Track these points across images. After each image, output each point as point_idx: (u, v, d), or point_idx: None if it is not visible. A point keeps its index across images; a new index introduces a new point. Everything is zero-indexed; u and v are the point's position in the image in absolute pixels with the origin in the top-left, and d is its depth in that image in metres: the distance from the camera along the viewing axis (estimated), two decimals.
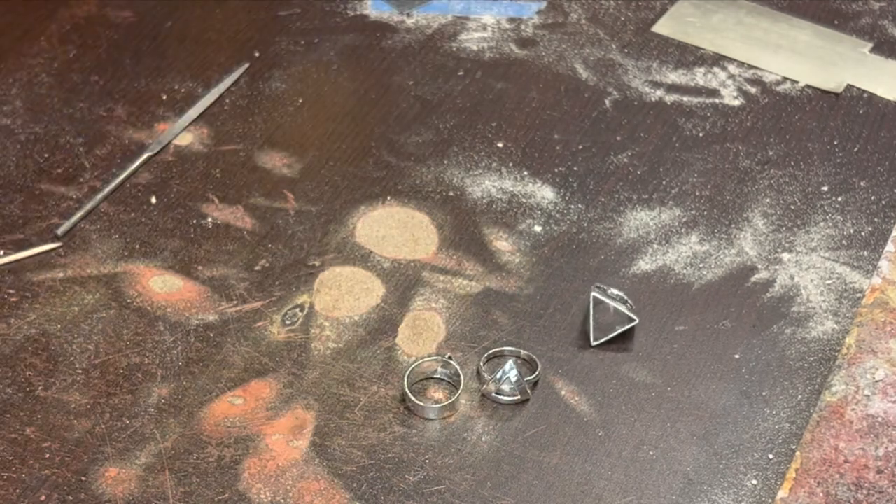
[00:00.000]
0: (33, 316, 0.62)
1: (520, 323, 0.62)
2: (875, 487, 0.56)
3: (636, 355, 0.61)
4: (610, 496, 0.55)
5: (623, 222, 0.68)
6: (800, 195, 0.70)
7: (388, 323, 0.62)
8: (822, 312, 0.63)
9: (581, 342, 0.62)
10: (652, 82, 0.76)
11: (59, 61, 0.75)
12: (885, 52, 0.79)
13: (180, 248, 0.65)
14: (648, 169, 0.71)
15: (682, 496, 0.55)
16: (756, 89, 0.76)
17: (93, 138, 0.70)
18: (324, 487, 0.56)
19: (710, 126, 0.74)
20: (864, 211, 0.69)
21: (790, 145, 0.73)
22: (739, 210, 0.69)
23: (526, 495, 0.55)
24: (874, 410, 0.59)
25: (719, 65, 0.78)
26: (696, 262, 0.66)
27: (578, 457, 0.57)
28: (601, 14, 0.81)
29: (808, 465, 0.57)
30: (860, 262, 0.66)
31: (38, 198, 0.67)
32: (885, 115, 0.75)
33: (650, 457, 0.57)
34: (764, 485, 0.56)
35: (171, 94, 0.73)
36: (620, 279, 0.65)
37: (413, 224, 0.67)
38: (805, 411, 0.59)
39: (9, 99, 0.72)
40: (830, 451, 0.57)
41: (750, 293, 0.64)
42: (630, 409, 0.59)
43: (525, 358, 0.60)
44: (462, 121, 0.73)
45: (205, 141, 0.71)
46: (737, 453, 0.57)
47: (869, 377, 0.60)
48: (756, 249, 0.67)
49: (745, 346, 0.62)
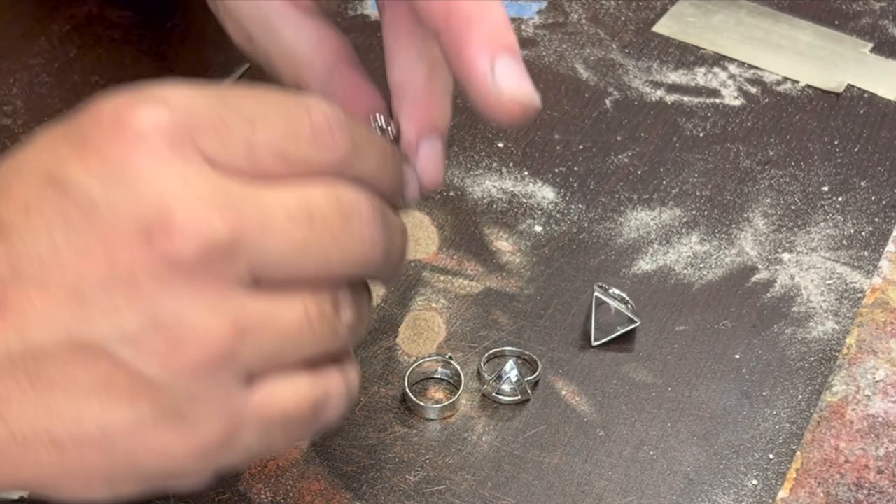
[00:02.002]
0: None
1: (520, 323, 0.62)
2: (876, 488, 0.56)
3: (637, 355, 0.61)
4: (610, 496, 0.55)
5: (623, 222, 0.68)
6: (800, 195, 0.70)
7: (388, 323, 0.62)
8: (822, 312, 0.63)
9: (581, 342, 0.62)
10: (652, 82, 0.76)
11: (59, 61, 0.75)
12: (885, 52, 0.79)
13: None
14: (649, 169, 0.71)
15: (683, 496, 0.55)
16: (756, 89, 0.76)
17: None
18: (324, 487, 0.56)
19: (710, 126, 0.74)
20: (864, 211, 0.69)
21: (791, 145, 0.73)
22: (740, 210, 0.69)
23: (526, 495, 0.55)
24: (875, 410, 0.59)
25: (720, 65, 0.78)
26: (696, 262, 0.66)
27: (579, 457, 0.57)
28: (601, 14, 0.81)
29: (809, 466, 0.57)
30: (861, 263, 0.66)
31: None
32: (886, 115, 0.75)
33: (650, 457, 0.57)
34: (764, 485, 0.56)
35: None
36: (621, 279, 0.65)
37: (413, 224, 0.67)
38: (805, 411, 0.59)
39: (9, 99, 0.72)
40: (831, 452, 0.57)
41: (750, 293, 0.64)
42: (630, 409, 0.59)
43: (525, 358, 0.60)
44: (462, 121, 0.73)
45: None
46: (737, 453, 0.57)
47: (869, 377, 0.60)
48: (756, 249, 0.67)
49: (746, 346, 0.62)
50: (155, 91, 0.41)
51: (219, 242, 0.39)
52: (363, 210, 0.43)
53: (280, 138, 0.41)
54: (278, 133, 0.41)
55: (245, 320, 0.41)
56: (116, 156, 0.40)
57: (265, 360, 0.42)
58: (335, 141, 0.43)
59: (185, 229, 0.39)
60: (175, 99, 0.41)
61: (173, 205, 0.39)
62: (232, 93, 0.42)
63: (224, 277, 0.40)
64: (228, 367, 0.40)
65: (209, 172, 0.40)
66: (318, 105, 0.43)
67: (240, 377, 0.41)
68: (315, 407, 0.44)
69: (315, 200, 0.42)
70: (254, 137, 0.41)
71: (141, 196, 0.39)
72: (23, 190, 0.40)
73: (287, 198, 0.41)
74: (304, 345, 0.43)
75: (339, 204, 0.42)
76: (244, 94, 0.42)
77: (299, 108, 0.42)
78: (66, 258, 0.39)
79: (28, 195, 0.40)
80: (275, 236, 0.41)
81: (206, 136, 0.40)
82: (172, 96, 0.41)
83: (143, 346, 0.39)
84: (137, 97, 0.41)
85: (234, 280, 0.40)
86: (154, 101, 0.40)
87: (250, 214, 0.40)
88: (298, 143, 0.42)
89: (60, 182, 0.40)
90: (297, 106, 0.42)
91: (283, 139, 0.42)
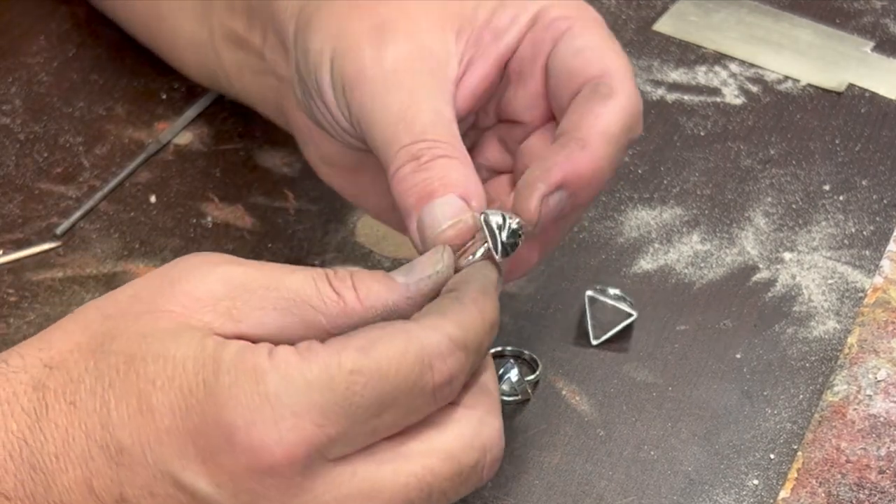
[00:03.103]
0: (32, 316, 0.62)
1: (520, 323, 0.62)
2: (877, 488, 0.56)
3: (637, 355, 0.61)
4: (611, 496, 0.55)
5: (624, 221, 0.68)
6: (801, 194, 0.70)
7: None
8: (823, 312, 0.63)
9: (582, 342, 0.61)
10: (653, 81, 0.76)
11: (58, 60, 0.74)
12: (886, 51, 0.79)
13: (180, 247, 0.65)
14: (650, 168, 0.71)
15: (684, 496, 0.55)
16: (757, 88, 0.76)
17: (92, 137, 0.70)
18: None
19: (711, 125, 0.74)
20: (865, 210, 0.69)
21: (792, 144, 0.73)
22: (741, 209, 0.69)
23: (527, 495, 0.55)
24: (876, 410, 0.59)
25: (721, 63, 0.78)
26: (697, 262, 0.66)
27: (579, 456, 0.57)
28: (602, 13, 0.80)
29: (810, 465, 0.56)
30: (862, 262, 0.66)
31: (38, 197, 0.67)
32: (887, 115, 0.75)
33: (651, 457, 0.57)
34: (765, 485, 0.56)
35: (170, 92, 0.73)
36: (621, 278, 0.64)
37: None
38: (807, 411, 0.59)
39: (8, 98, 0.72)
40: (832, 451, 0.57)
41: (751, 293, 0.64)
42: (631, 409, 0.59)
43: (525, 358, 0.60)
44: None
45: (205, 140, 0.71)
46: (738, 453, 0.57)
47: (871, 377, 0.60)
48: (757, 249, 0.66)
49: (747, 346, 0.62)
50: (287, 409, 0.40)
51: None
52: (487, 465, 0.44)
53: (403, 417, 0.42)
54: (401, 414, 0.42)
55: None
56: (247, 482, 0.40)
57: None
58: (453, 390, 0.43)
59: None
60: (308, 418, 0.40)
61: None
62: (358, 384, 0.41)
63: None
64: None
65: (333, 473, 0.41)
66: (441, 362, 0.42)
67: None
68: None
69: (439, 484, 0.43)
70: (378, 424, 0.42)
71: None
72: (147, 478, 0.41)
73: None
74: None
75: (460, 477, 0.43)
76: (370, 381, 0.41)
77: (423, 373, 0.42)
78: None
79: (154, 486, 0.41)
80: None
81: (335, 448, 0.41)
82: (306, 416, 0.40)
83: None
84: (270, 421, 0.40)
85: None
86: (288, 430, 0.40)
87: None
88: (420, 413, 0.42)
89: (188, 489, 0.41)
90: (422, 372, 0.42)
91: (405, 417, 0.42)
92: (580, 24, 0.52)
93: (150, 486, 0.41)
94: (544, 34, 0.52)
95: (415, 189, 0.48)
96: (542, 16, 0.52)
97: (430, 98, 0.50)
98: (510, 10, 0.52)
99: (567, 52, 0.51)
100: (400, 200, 0.48)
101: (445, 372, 0.42)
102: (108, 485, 0.41)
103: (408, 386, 0.41)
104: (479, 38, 0.52)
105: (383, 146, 0.49)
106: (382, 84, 0.50)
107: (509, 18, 0.52)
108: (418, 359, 0.42)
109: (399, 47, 0.50)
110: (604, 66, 0.50)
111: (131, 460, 0.41)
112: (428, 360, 0.42)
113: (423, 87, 0.50)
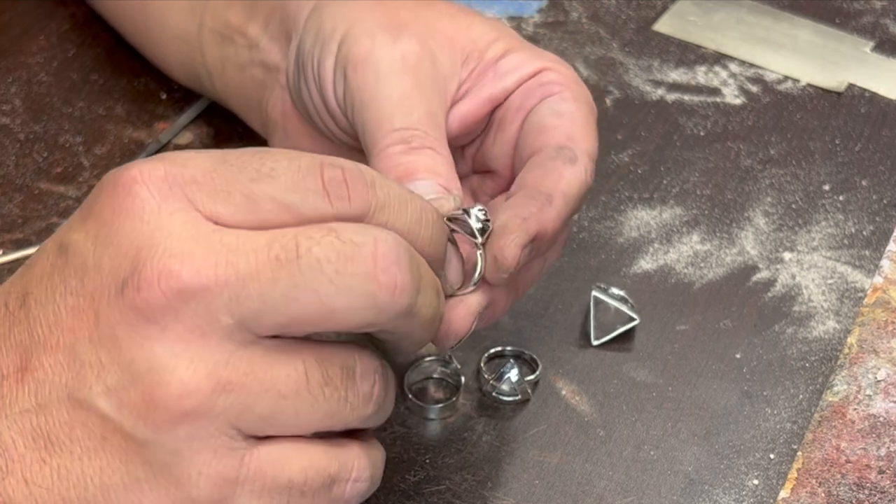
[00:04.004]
0: None
1: (520, 323, 0.62)
2: (877, 487, 0.56)
3: (637, 355, 0.61)
4: (611, 496, 0.55)
5: (624, 221, 0.68)
6: (801, 194, 0.70)
7: None
8: (823, 312, 0.63)
9: (582, 342, 0.61)
10: (653, 81, 0.76)
11: (58, 60, 0.74)
12: (886, 50, 0.79)
13: None
14: (649, 168, 0.71)
15: (684, 496, 0.55)
16: (757, 88, 0.76)
17: (92, 137, 0.70)
18: None
19: (711, 125, 0.74)
20: (865, 210, 0.69)
21: (791, 144, 0.73)
22: (741, 209, 0.69)
23: (527, 495, 0.55)
24: (876, 410, 0.59)
25: (720, 63, 0.78)
26: (697, 262, 0.66)
27: (579, 456, 0.57)
28: (602, 12, 0.81)
29: (810, 465, 0.56)
30: (862, 262, 0.66)
31: (38, 197, 0.67)
32: (887, 115, 0.75)
33: (651, 457, 0.57)
34: (765, 484, 0.56)
35: (170, 92, 0.73)
36: (621, 278, 0.64)
37: None
38: (807, 411, 0.59)
39: (8, 98, 0.72)
40: (832, 451, 0.57)
41: (751, 292, 0.64)
42: (631, 409, 0.59)
43: (525, 358, 0.60)
44: None
45: (204, 140, 0.71)
46: (738, 453, 0.57)
47: (871, 377, 0.60)
48: (757, 249, 0.66)
49: (747, 346, 0.62)
50: (159, 155, 0.41)
51: (184, 288, 0.39)
52: (379, 252, 0.40)
53: (284, 191, 0.41)
54: (283, 186, 0.41)
55: (228, 373, 0.39)
56: (110, 217, 0.40)
57: (260, 420, 0.40)
58: (352, 194, 0.41)
59: (150, 278, 0.39)
60: (172, 158, 0.41)
61: (146, 256, 0.39)
62: (238, 152, 0.42)
63: (202, 326, 0.39)
64: (209, 421, 0.40)
65: (198, 223, 0.40)
66: (335, 161, 0.42)
67: (231, 435, 0.40)
68: (328, 480, 0.42)
69: (309, 242, 0.40)
70: (255, 189, 0.41)
71: (121, 251, 0.40)
72: (41, 260, 0.42)
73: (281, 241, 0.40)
74: (303, 410, 0.41)
75: (340, 244, 0.40)
76: (253, 153, 0.42)
77: (312, 164, 0.42)
78: (65, 320, 0.40)
79: (44, 264, 0.42)
80: (260, 282, 0.39)
81: (201, 189, 0.40)
82: (171, 156, 0.41)
83: (122, 400, 0.39)
84: (138, 161, 0.41)
85: (217, 330, 0.39)
86: (151, 161, 0.41)
87: (237, 261, 0.39)
88: (306, 195, 0.41)
89: (65, 248, 0.41)
90: (311, 162, 0.42)
91: (287, 191, 0.41)
92: (570, 94, 0.53)
93: (41, 267, 0.42)
94: (536, 89, 0.54)
95: (399, 167, 0.49)
96: (542, 73, 0.54)
97: (429, 98, 0.51)
98: (517, 59, 0.54)
99: (548, 111, 0.53)
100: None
101: (338, 172, 0.41)
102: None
103: (297, 162, 0.41)
104: (482, 72, 0.54)
105: (374, 126, 0.50)
106: (389, 68, 0.51)
107: (514, 65, 0.54)
108: (312, 157, 0.42)
109: (411, 44, 0.52)
110: (574, 136, 0.52)
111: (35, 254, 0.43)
112: (321, 160, 0.42)
113: (425, 86, 0.52)
